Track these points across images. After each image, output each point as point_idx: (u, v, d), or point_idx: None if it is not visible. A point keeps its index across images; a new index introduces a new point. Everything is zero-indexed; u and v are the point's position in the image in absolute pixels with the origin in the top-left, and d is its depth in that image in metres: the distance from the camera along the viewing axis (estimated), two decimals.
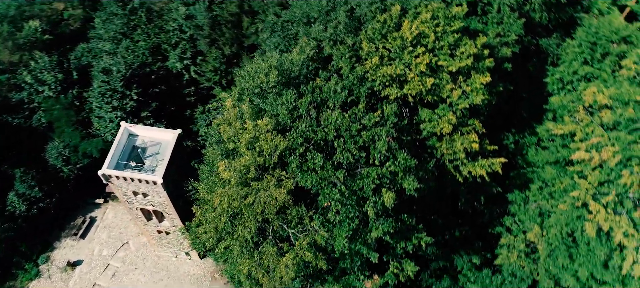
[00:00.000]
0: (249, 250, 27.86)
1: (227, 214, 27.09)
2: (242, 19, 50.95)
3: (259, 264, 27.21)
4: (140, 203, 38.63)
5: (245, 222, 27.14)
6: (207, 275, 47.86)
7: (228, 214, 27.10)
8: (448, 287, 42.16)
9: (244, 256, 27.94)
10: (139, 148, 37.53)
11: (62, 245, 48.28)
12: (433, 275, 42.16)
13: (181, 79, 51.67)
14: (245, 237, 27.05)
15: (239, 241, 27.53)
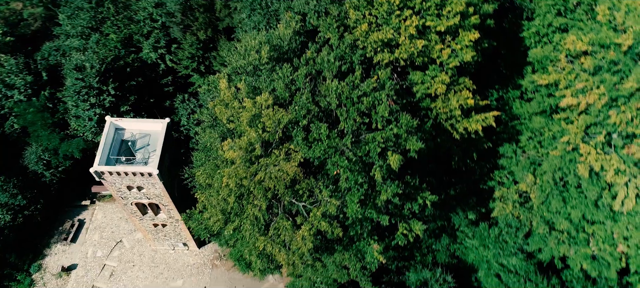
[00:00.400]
0: (260, 228, 27.77)
1: (235, 194, 26.82)
2: (214, 1, 49.72)
3: (274, 240, 27.17)
4: (135, 198, 37.76)
5: (254, 200, 26.98)
6: (207, 263, 47.51)
7: (236, 194, 26.83)
8: (447, 245, 43.39)
9: (255, 235, 27.83)
10: (129, 142, 36.55)
11: (53, 252, 46.81)
12: (432, 235, 43.24)
13: (157, 69, 50.25)
14: (256, 215, 26.92)
15: (250, 220, 27.37)
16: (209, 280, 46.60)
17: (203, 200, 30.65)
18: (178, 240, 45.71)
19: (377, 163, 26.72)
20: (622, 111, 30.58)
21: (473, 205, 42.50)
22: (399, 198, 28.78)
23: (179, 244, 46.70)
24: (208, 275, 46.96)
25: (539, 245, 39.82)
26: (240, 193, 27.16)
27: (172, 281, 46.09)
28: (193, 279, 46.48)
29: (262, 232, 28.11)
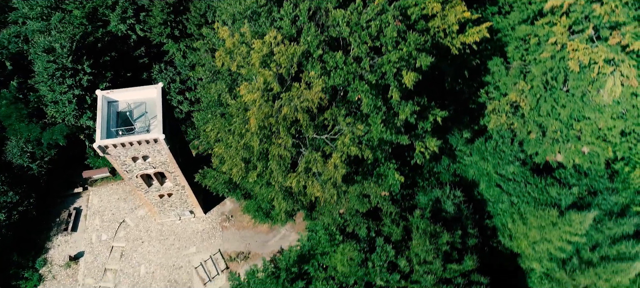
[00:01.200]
0: (286, 167, 28.00)
1: (259, 136, 26.75)
2: None
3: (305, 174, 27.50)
4: (140, 169, 36.85)
5: (278, 140, 27.05)
6: (216, 227, 47.48)
7: (259, 136, 26.77)
8: (448, 165, 45.13)
9: (281, 175, 28.03)
10: (126, 112, 35.30)
11: (55, 244, 45.30)
12: (432, 159, 44.77)
13: (129, 42, 48.09)
14: (282, 154, 27.06)
15: (275, 160, 27.50)
16: (221, 243, 46.73)
17: (220, 153, 30.37)
18: (184, 208, 45.26)
19: (393, 84, 27.23)
20: (605, 2, 32.21)
21: (467, 123, 44.10)
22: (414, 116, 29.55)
23: (186, 213, 46.27)
24: (219, 237, 47.03)
25: (534, 149, 42.14)
26: (263, 136, 27.12)
27: (185, 250, 45.90)
28: (205, 244, 46.45)
29: (288, 171, 28.35)
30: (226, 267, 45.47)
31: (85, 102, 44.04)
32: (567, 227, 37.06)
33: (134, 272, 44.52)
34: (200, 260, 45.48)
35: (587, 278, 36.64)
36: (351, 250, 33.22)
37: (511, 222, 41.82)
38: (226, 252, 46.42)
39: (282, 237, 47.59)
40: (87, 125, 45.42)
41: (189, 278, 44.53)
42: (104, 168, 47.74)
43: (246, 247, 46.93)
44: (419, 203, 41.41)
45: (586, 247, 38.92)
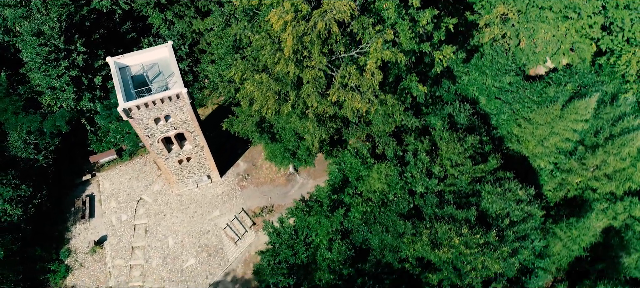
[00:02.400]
0: (322, 88, 28.66)
1: (293, 61, 27.22)
2: None
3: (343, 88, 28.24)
4: (162, 132, 36.50)
5: (311, 62, 27.63)
6: (235, 188, 47.66)
7: (293, 61, 27.24)
8: (449, 87, 46.94)
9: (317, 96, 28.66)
10: (142, 74, 34.73)
11: (75, 233, 44.21)
12: (433, 83, 46.42)
13: (114, 18, 46.85)
14: (317, 75, 27.68)
15: (311, 84, 28.10)
16: (242, 201, 47.00)
17: (251, 91, 30.55)
18: (202, 173, 45.13)
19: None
20: None
21: (462, 43, 45.88)
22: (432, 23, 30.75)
23: (203, 179, 46.15)
24: (240, 197, 47.27)
25: (526, 56, 44.51)
26: (297, 60, 27.60)
27: (208, 215, 45.92)
28: (227, 206, 46.59)
29: (324, 94, 29.03)
30: (253, 223, 45.89)
31: (83, 83, 42.81)
32: (573, 115, 39.69)
33: (162, 245, 44.25)
34: (226, 221, 45.66)
35: (597, 159, 39.47)
36: (387, 167, 34.47)
37: (517, 127, 44.19)
38: (250, 209, 46.79)
39: (301, 186, 48.38)
40: (87, 108, 44.20)
41: (219, 240, 44.71)
42: (110, 151, 46.70)
43: (268, 201, 47.45)
44: (432, 123, 43.07)
45: (590, 133, 41.81)
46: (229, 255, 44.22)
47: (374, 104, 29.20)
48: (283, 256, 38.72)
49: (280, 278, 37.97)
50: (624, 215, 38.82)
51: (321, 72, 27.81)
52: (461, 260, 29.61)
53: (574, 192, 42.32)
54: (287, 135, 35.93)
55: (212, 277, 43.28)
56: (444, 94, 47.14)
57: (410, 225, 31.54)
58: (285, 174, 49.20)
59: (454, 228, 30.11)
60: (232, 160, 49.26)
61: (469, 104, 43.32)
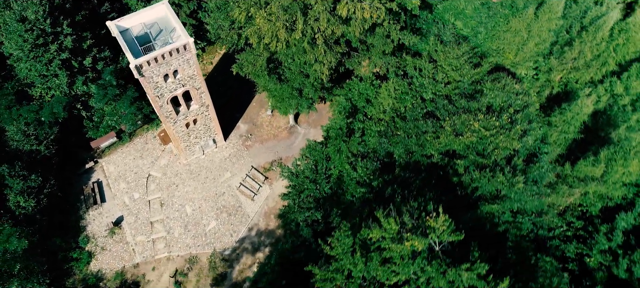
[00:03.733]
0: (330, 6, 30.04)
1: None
2: None
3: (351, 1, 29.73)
4: (170, 90, 36.74)
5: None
6: (240, 148, 48.28)
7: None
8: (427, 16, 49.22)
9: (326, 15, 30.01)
10: (145, 33, 34.83)
11: (90, 219, 43.53)
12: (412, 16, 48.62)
13: (91, 1, 46.10)
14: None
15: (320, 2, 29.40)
16: (251, 160, 47.72)
17: (258, 25, 31.46)
18: (208, 136, 45.46)
19: None
20: None
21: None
22: None
23: (209, 143, 46.48)
24: (247, 156, 47.95)
25: None
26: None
27: (220, 178, 46.35)
28: (237, 166, 47.18)
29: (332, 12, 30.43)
30: (265, 178, 46.74)
31: (73, 66, 42.11)
32: (547, 14, 42.92)
33: (181, 214, 44.35)
34: (239, 181, 46.28)
35: (574, 51, 42.94)
36: (394, 82, 36.34)
37: (497, 41, 47.18)
38: (259, 166, 47.58)
39: (304, 136, 49.60)
40: (81, 91, 43.50)
41: (236, 200, 45.29)
42: (110, 134, 46.13)
43: (275, 155, 48.39)
44: (421, 49, 45.32)
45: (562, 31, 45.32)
46: (249, 211, 44.92)
47: (381, 11, 30.85)
48: (306, 192, 39.98)
49: (307, 214, 39.24)
50: (606, 95, 42.49)
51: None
52: (482, 143, 31.93)
53: (558, 88, 45.78)
54: (294, 75, 37.06)
55: (236, 234, 43.88)
56: (423, 25, 49.63)
57: (430, 123, 33.61)
58: (286, 127, 50.26)
59: (470, 116, 32.45)
60: (232, 123, 49.80)
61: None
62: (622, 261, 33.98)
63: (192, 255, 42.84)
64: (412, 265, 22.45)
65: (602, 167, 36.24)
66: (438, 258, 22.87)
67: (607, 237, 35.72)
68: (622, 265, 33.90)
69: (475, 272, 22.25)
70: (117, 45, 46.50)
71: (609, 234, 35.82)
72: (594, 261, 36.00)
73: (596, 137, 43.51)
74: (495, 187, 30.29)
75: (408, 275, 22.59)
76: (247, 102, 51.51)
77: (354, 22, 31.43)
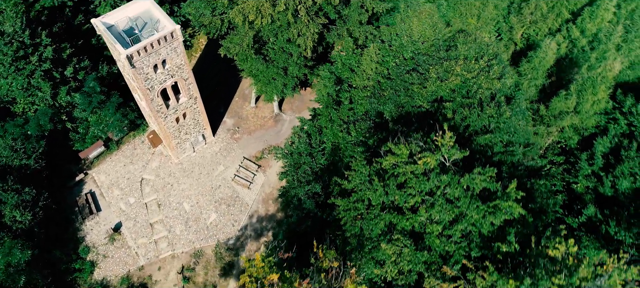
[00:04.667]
0: None
1: None
2: None
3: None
4: (160, 81, 37.24)
5: None
6: (230, 142, 48.88)
7: None
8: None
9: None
10: (130, 27, 35.37)
11: (87, 230, 42.84)
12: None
13: (66, 12, 46.03)
14: None
15: None
16: (241, 151, 48.37)
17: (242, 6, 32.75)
18: (198, 131, 45.88)
19: None
20: None
21: None
22: None
23: (199, 139, 46.87)
24: (237, 148, 48.58)
25: None
26: None
27: (214, 172, 46.71)
28: (229, 159, 47.70)
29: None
30: (258, 166, 47.45)
31: (55, 77, 41.94)
32: None
33: (180, 212, 44.33)
34: (233, 172, 46.79)
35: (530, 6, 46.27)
36: (375, 48, 38.23)
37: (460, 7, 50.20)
38: (251, 156, 48.27)
39: (290, 122, 50.78)
40: (65, 102, 43.22)
41: (232, 191, 45.71)
42: (97, 143, 45.82)
43: (265, 144, 49.25)
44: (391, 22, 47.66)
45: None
46: (247, 199, 45.41)
47: None
48: (304, 167, 41.01)
49: (308, 188, 40.21)
50: (565, 42, 45.95)
51: None
52: (466, 86, 34.03)
53: (521, 45, 49.05)
54: (278, 54, 38.38)
55: (238, 223, 44.20)
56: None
57: (415, 75, 35.53)
58: (272, 116, 51.29)
59: (452, 63, 34.61)
60: (218, 119, 50.41)
61: None
62: (606, 180, 36.63)
63: (197, 250, 42.81)
64: (428, 182, 23.88)
65: (574, 99, 39.12)
66: (450, 171, 24.44)
67: (588, 162, 38.42)
68: (607, 183, 36.53)
69: (486, 175, 23.91)
70: (96, 55, 46.71)
71: (589, 160, 38.55)
72: (580, 186, 38.58)
73: (561, 84, 46.80)
74: (485, 122, 32.32)
75: (424, 194, 23.95)
76: (229, 96, 52.31)
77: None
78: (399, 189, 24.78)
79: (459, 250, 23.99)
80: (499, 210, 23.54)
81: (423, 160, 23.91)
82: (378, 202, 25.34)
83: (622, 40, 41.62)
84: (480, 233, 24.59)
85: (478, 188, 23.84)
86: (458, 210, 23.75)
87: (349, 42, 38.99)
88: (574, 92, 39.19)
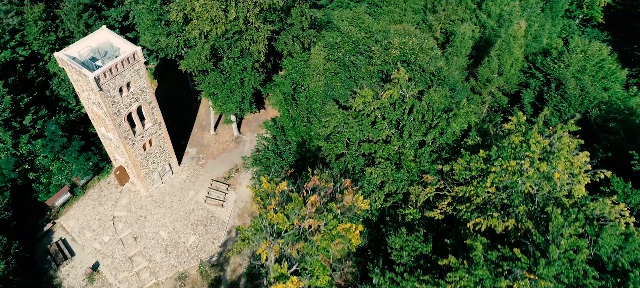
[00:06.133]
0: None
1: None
2: None
3: None
4: (126, 105, 38.83)
5: None
6: (196, 168, 50.20)
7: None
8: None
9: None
10: (92, 56, 37.23)
11: (63, 275, 41.47)
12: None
13: (17, 67, 46.56)
14: None
15: None
16: (208, 175, 49.74)
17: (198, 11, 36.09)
18: (164, 160, 46.96)
19: None
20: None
21: None
22: None
23: (166, 169, 47.85)
24: (203, 172, 49.95)
25: None
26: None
27: (185, 198, 47.51)
28: (197, 184, 48.83)
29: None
30: (228, 185, 48.94)
31: (14, 127, 42.11)
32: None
33: (158, 241, 44.35)
34: (204, 195, 47.84)
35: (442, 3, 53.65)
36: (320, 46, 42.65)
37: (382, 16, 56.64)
38: (219, 177, 49.73)
39: (251, 141, 53.25)
40: (28, 151, 43.08)
41: (206, 211, 46.61)
42: (63, 189, 45.38)
43: (230, 164, 51.06)
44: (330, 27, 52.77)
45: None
46: (223, 216, 46.43)
47: None
48: (275, 167, 43.31)
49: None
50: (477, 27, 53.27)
51: None
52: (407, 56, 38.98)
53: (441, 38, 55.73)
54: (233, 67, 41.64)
55: (217, 240, 44.88)
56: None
57: (361, 57, 40.01)
58: (232, 139, 53.48)
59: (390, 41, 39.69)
60: (181, 151, 51.78)
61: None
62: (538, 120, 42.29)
63: (181, 273, 42.72)
64: (394, 112, 27.42)
65: (496, 62, 45.31)
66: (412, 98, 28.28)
67: (521, 111, 44.18)
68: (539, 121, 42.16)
69: (441, 93, 27.90)
70: (52, 105, 47.36)
71: (521, 110, 44.31)
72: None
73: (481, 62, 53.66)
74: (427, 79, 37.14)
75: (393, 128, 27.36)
76: (188, 128, 54.12)
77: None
78: (372, 126, 28.16)
79: (433, 166, 27.43)
80: (458, 115, 27.54)
81: (386, 93, 27.65)
82: (355, 139, 28.42)
83: (520, 15, 49.31)
84: (448, 145, 28.32)
85: (437, 104, 27.78)
86: (425, 124, 27.42)
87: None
88: (495, 55, 45.45)
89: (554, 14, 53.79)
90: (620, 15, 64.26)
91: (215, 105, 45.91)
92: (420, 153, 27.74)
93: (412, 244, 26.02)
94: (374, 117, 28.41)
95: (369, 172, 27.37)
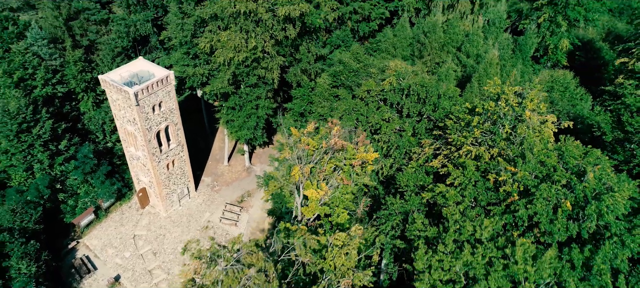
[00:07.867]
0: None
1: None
2: None
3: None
4: (157, 123, 43.81)
5: None
6: (211, 193, 54.05)
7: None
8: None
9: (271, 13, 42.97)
10: (131, 80, 42.83)
11: (86, 285, 43.56)
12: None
13: (55, 102, 51.68)
14: None
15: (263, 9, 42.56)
16: (223, 199, 53.54)
17: (226, 41, 42.67)
18: (184, 183, 50.96)
19: None
20: None
21: None
22: None
23: (184, 192, 51.67)
24: (218, 197, 53.76)
25: None
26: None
27: (201, 218, 50.90)
28: (213, 207, 52.45)
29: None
30: (241, 208, 52.67)
31: (51, 149, 46.48)
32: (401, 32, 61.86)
33: (175, 256, 47.08)
34: (219, 216, 51.34)
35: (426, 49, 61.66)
36: (326, 74, 49.09)
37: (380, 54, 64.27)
38: (232, 201, 53.51)
39: (260, 171, 57.74)
40: (61, 171, 47.03)
41: (222, 229, 49.93)
42: (88, 210, 48.62)
43: (242, 190, 55.10)
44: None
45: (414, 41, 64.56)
46: (236, 234, 49.66)
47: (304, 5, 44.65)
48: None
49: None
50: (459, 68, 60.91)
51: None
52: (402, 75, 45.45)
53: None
54: (250, 93, 47.66)
55: None
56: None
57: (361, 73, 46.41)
58: (244, 169, 57.94)
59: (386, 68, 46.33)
60: (197, 179, 55.89)
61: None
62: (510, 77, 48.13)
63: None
64: (394, 95, 33.08)
65: (477, 87, 52.01)
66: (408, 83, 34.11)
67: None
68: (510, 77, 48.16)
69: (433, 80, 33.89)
70: (82, 137, 52.12)
71: None
72: None
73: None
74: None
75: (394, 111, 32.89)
76: (204, 161, 58.65)
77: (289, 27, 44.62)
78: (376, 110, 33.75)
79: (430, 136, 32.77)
80: (446, 93, 33.42)
81: (387, 81, 33.57)
82: (363, 119, 33.97)
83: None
84: (441, 120, 33.87)
85: (429, 85, 33.73)
86: (420, 102, 33.05)
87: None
88: (475, 81, 52.25)
89: (524, 55, 61.80)
90: (583, 66, 72.85)
91: (231, 132, 51.12)
92: (418, 127, 33.20)
93: (416, 177, 31.29)
94: (377, 103, 34.06)
95: (377, 139, 32.41)
